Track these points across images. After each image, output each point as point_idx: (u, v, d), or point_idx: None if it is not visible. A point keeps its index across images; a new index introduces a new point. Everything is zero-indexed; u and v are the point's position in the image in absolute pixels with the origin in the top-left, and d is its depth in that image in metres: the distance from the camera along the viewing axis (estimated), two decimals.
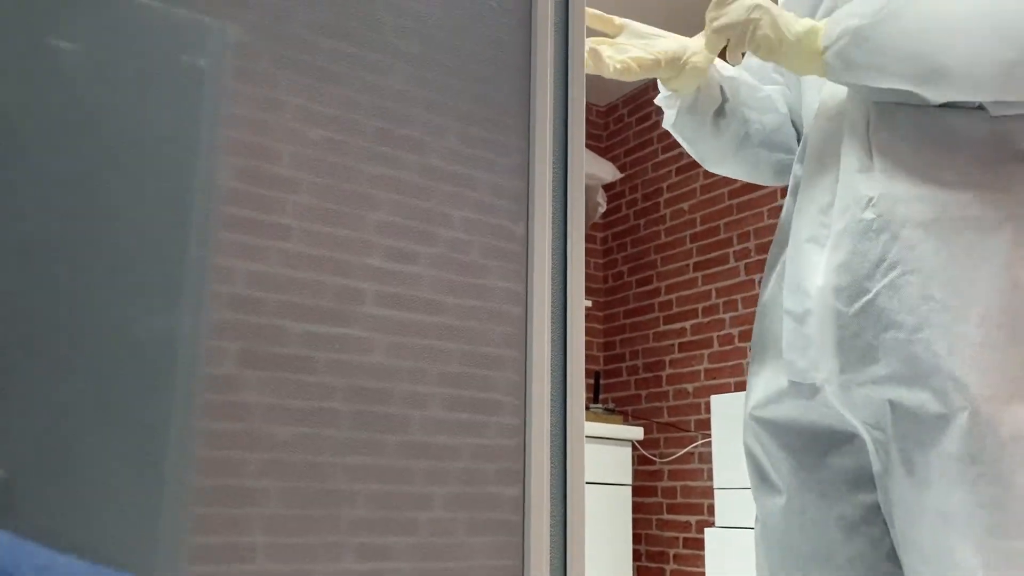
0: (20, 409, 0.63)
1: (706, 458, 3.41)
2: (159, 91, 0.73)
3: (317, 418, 0.75)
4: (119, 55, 0.72)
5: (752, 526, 1.13)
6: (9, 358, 0.64)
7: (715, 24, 1.02)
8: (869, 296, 0.90)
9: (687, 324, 3.66)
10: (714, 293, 3.58)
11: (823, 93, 1.04)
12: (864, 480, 0.99)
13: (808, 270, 0.98)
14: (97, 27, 0.71)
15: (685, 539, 3.49)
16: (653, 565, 3.62)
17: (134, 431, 0.67)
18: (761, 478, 1.10)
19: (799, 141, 1.17)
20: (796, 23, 0.99)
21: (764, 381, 1.08)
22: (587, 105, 4.40)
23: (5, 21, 0.67)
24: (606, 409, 3.54)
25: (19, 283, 0.65)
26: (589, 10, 0.99)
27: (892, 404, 0.91)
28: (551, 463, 0.83)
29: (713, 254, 3.61)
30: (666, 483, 3.62)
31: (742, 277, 3.48)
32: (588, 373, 3.58)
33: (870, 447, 0.96)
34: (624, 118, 4.18)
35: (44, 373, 0.64)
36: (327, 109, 0.81)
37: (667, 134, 3.95)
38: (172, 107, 0.73)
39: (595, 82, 4.00)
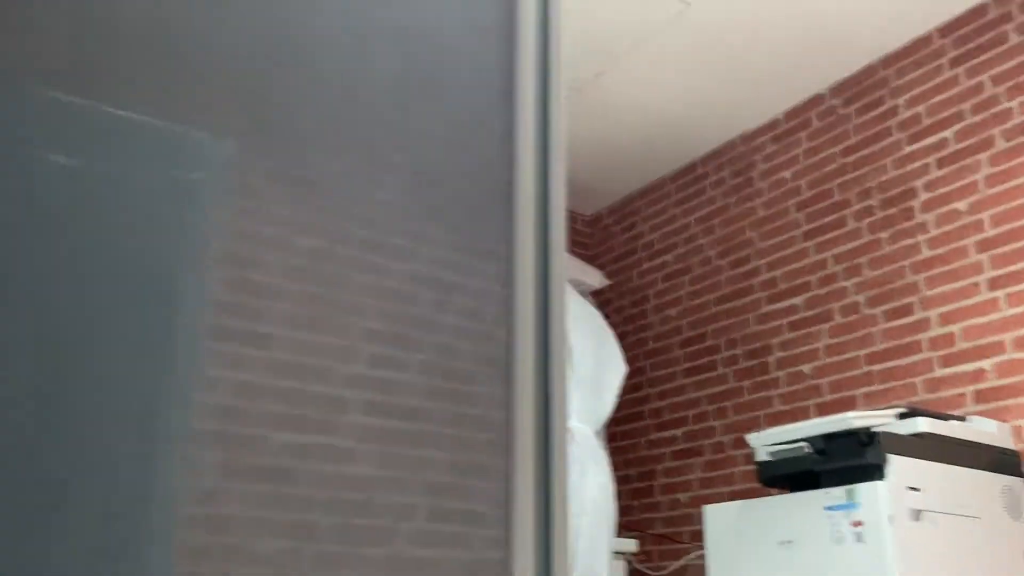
0: None
1: (702, 571, 3.32)
2: (151, 204, 0.74)
3: (299, 531, 0.74)
4: (112, 169, 0.73)
5: None
6: None
7: None
8: None
9: (679, 432, 3.63)
10: (704, 400, 3.56)
11: None
12: None
13: None
14: (91, 141, 0.73)
15: None
16: None
17: (111, 548, 0.66)
18: None
19: None
20: None
21: None
22: (573, 214, 4.48)
23: (1, 136, 0.69)
24: None
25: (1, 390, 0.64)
26: None
27: None
28: None
29: (702, 360, 3.61)
30: None
31: (731, 384, 3.47)
32: None
33: None
34: (610, 227, 4.25)
35: (23, 487, 0.63)
36: (316, 219, 0.82)
37: (652, 243, 4.02)
38: (163, 220, 0.74)
39: (580, 191, 4.09)
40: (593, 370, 2.33)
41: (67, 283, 0.69)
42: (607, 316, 4.15)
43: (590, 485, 2.09)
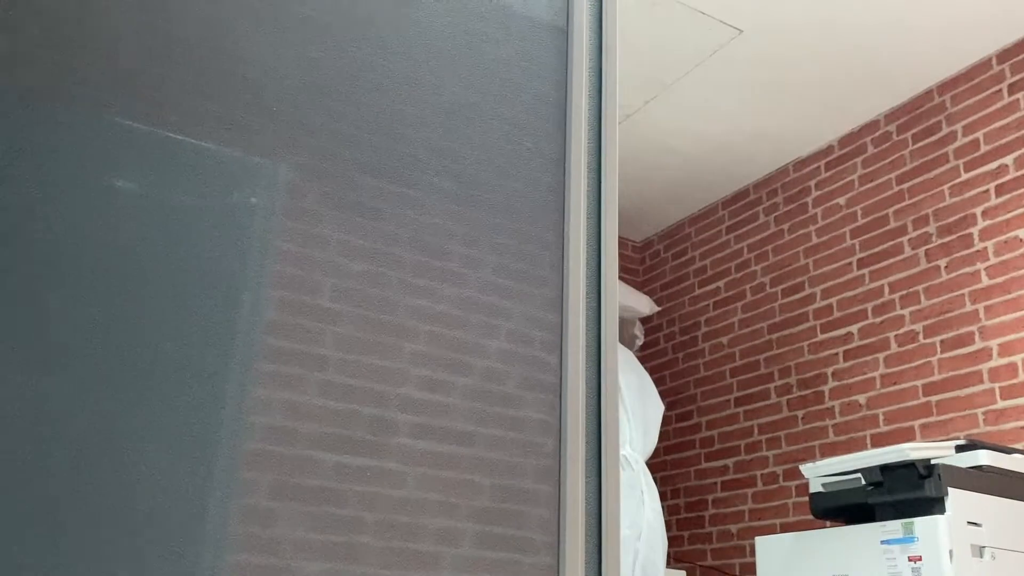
0: (49, 555, 0.63)
1: None
2: (210, 226, 0.76)
3: (347, 553, 0.74)
4: (174, 192, 0.75)
5: None
6: (54, 490, 0.64)
7: None
8: None
9: (729, 461, 3.57)
10: (756, 429, 3.50)
11: None
12: None
13: None
14: (155, 167, 0.75)
15: None
16: None
17: (163, 566, 0.66)
18: None
19: None
20: None
21: None
22: (623, 240, 4.46)
23: (70, 161, 0.71)
24: None
25: (59, 411, 0.66)
26: None
27: None
28: None
29: (754, 389, 3.56)
30: None
31: (785, 413, 3.41)
32: None
33: None
34: (660, 253, 4.22)
35: (81, 502, 0.65)
36: (368, 243, 0.83)
37: (703, 269, 3.98)
38: (222, 242, 0.76)
39: (630, 218, 4.08)
40: (639, 404, 2.48)
41: (126, 304, 0.71)
42: (657, 343, 4.11)
43: (647, 510, 2.24)
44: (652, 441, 2.70)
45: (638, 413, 2.52)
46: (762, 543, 2.78)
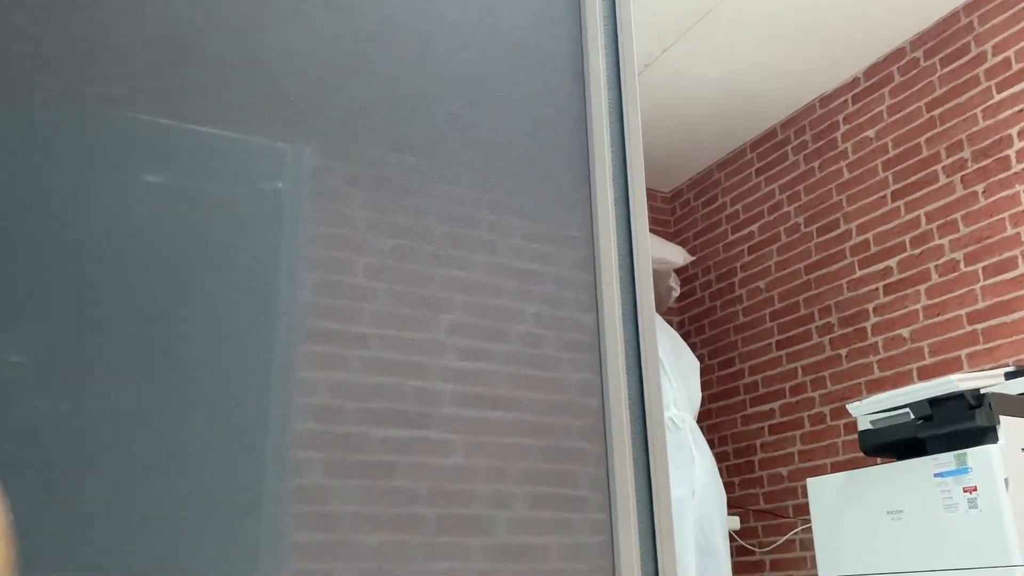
0: (112, 547, 0.65)
1: (808, 545, 3.25)
2: (240, 215, 0.76)
3: (402, 524, 0.75)
4: (202, 184, 0.76)
5: None
6: (103, 477, 0.66)
7: None
8: None
9: (775, 405, 3.56)
10: (800, 371, 3.48)
11: None
12: None
13: None
14: (182, 159, 0.76)
15: None
16: None
17: (225, 550, 0.68)
18: None
19: None
20: None
21: None
22: (652, 191, 4.42)
23: (97, 160, 0.72)
24: None
25: (103, 399, 0.67)
26: None
27: None
28: (641, 561, 0.81)
29: (795, 331, 3.53)
30: (768, 574, 3.46)
31: (828, 352, 3.38)
32: None
33: None
34: (690, 202, 4.18)
35: (132, 491, 0.66)
36: (397, 219, 0.83)
37: (736, 214, 3.94)
38: (253, 229, 0.77)
39: (657, 168, 4.04)
40: (675, 364, 2.55)
41: (166, 298, 0.72)
42: (694, 293, 4.09)
43: (698, 468, 2.32)
44: (696, 397, 2.75)
45: (676, 373, 2.59)
46: (814, 484, 2.78)
